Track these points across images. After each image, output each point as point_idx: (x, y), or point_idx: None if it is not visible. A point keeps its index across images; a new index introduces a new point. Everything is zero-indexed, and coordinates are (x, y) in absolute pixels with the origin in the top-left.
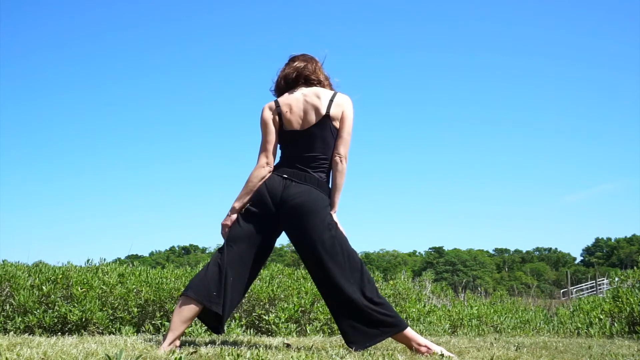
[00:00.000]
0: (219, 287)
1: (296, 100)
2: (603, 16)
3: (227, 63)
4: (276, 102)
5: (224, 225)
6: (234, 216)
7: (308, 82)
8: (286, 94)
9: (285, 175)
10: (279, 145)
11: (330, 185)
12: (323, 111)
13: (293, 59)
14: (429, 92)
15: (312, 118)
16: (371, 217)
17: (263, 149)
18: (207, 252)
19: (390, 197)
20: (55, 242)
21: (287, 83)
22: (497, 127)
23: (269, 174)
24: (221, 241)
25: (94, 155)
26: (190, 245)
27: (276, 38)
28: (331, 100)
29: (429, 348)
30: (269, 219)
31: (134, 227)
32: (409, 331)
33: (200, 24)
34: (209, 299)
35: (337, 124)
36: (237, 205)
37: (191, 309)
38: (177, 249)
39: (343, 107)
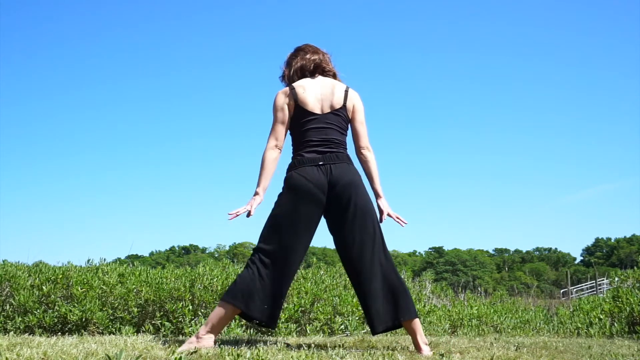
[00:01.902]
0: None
1: (314, 86)
2: (603, 16)
3: (228, 63)
4: (291, 86)
5: (248, 211)
6: (258, 200)
7: (324, 73)
8: (302, 80)
9: (320, 163)
10: (295, 131)
11: (366, 175)
12: (340, 101)
13: (304, 50)
14: (429, 92)
15: (330, 105)
16: None
17: (273, 131)
18: (207, 252)
19: (390, 197)
20: (55, 242)
21: (303, 73)
22: (497, 127)
23: (279, 154)
24: (221, 241)
25: (94, 155)
26: (190, 245)
27: (276, 38)
28: (346, 92)
29: None
30: (319, 211)
31: (134, 227)
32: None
33: (200, 24)
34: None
35: (350, 115)
36: (260, 190)
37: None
38: (177, 249)
39: (355, 100)
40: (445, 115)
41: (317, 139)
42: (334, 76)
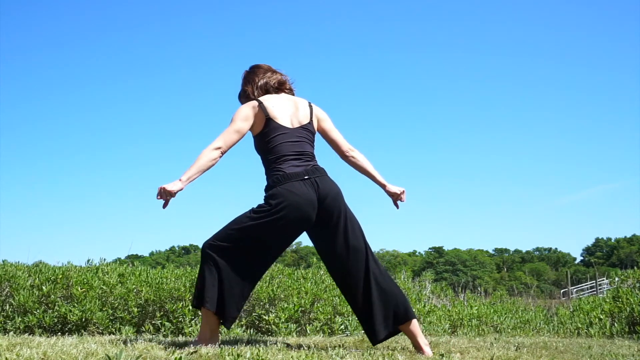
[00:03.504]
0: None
1: (281, 102)
2: (603, 16)
3: (228, 63)
4: (258, 101)
5: (166, 192)
6: (178, 185)
7: (287, 91)
8: (267, 96)
9: (305, 177)
10: (265, 147)
11: (364, 173)
12: (307, 116)
13: (262, 68)
14: (428, 92)
15: (298, 121)
16: (371, 217)
17: (224, 135)
18: None
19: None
20: (55, 242)
21: (266, 91)
22: (497, 127)
23: (219, 158)
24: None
25: (94, 155)
26: (190, 245)
27: (276, 38)
28: (310, 107)
29: None
30: (305, 228)
31: (134, 227)
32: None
33: (200, 24)
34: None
35: (317, 129)
36: (184, 178)
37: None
38: (177, 249)
39: (319, 112)
40: (445, 115)
41: (293, 152)
42: (292, 92)
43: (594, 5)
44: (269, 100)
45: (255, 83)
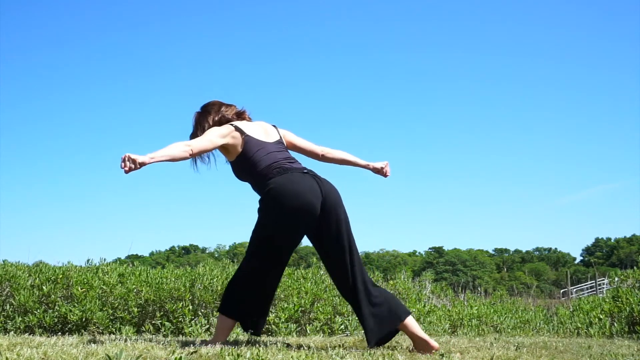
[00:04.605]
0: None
1: (250, 124)
2: (603, 16)
3: (228, 63)
4: (231, 124)
5: (131, 159)
6: (142, 158)
7: (246, 119)
8: (236, 122)
9: (305, 171)
10: (251, 163)
11: (344, 163)
12: (277, 133)
13: (216, 105)
14: (428, 92)
15: (272, 137)
16: (371, 217)
17: (197, 139)
18: (207, 252)
19: (390, 197)
20: (55, 242)
21: (227, 122)
22: (497, 127)
23: (188, 156)
24: (221, 241)
25: (94, 155)
26: (190, 245)
27: (277, 38)
28: (274, 126)
29: None
30: (314, 222)
31: (134, 227)
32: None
33: (200, 24)
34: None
35: (287, 144)
36: (150, 156)
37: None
38: (177, 249)
39: (283, 130)
40: (445, 115)
41: (282, 158)
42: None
43: (594, 5)
44: (240, 123)
45: (211, 119)
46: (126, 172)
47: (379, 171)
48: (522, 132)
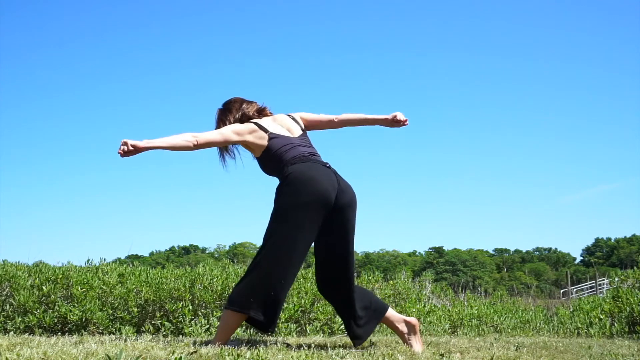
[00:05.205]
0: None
1: (270, 121)
2: (603, 16)
3: (229, 63)
4: (252, 122)
5: (126, 142)
6: (140, 145)
7: (267, 115)
8: (258, 120)
9: (327, 165)
10: (275, 157)
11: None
12: (295, 123)
13: (237, 102)
14: (428, 92)
15: (294, 130)
16: (371, 217)
17: (208, 132)
18: (207, 252)
19: (390, 197)
20: (55, 242)
21: (248, 119)
22: (497, 127)
23: (192, 147)
24: (221, 241)
25: (94, 155)
26: (190, 245)
27: (278, 38)
28: (292, 117)
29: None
30: (326, 214)
31: (134, 227)
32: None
33: (199, 24)
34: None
35: (307, 128)
36: (144, 145)
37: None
38: (177, 249)
39: (298, 117)
40: (445, 115)
41: (306, 152)
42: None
43: (594, 5)
44: (262, 121)
45: (232, 115)
46: (121, 155)
47: (398, 123)
48: (522, 132)
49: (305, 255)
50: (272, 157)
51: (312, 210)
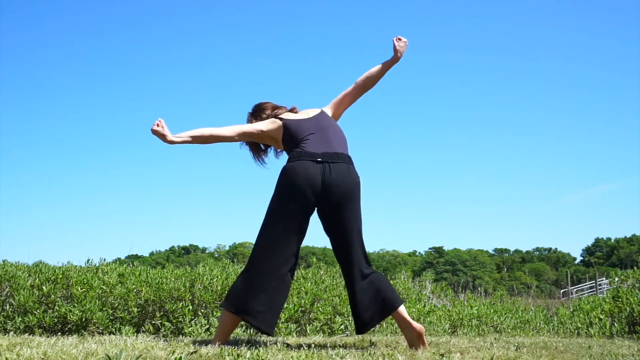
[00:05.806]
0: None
1: (294, 113)
2: (603, 16)
3: (229, 62)
4: (277, 117)
5: (161, 132)
6: (169, 138)
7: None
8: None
9: (319, 159)
10: (292, 142)
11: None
12: (318, 110)
13: (268, 106)
14: (429, 92)
15: (313, 112)
16: (371, 217)
17: (250, 127)
18: (207, 252)
19: (390, 197)
20: (55, 242)
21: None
22: (497, 127)
23: (235, 137)
24: (221, 241)
25: (94, 155)
26: (190, 245)
27: (280, 38)
28: (321, 110)
29: None
30: (307, 209)
31: (134, 227)
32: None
33: (200, 24)
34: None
35: (333, 113)
36: (180, 134)
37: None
38: (177, 249)
39: (327, 108)
40: (445, 115)
41: (316, 140)
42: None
43: (594, 5)
44: (285, 114)
45: (264, 114)
46: (152, 131)
47: (400, 49)
48: (522, 132)
49: (291, 246)
50: (289, 141)
51: (291, 202)
